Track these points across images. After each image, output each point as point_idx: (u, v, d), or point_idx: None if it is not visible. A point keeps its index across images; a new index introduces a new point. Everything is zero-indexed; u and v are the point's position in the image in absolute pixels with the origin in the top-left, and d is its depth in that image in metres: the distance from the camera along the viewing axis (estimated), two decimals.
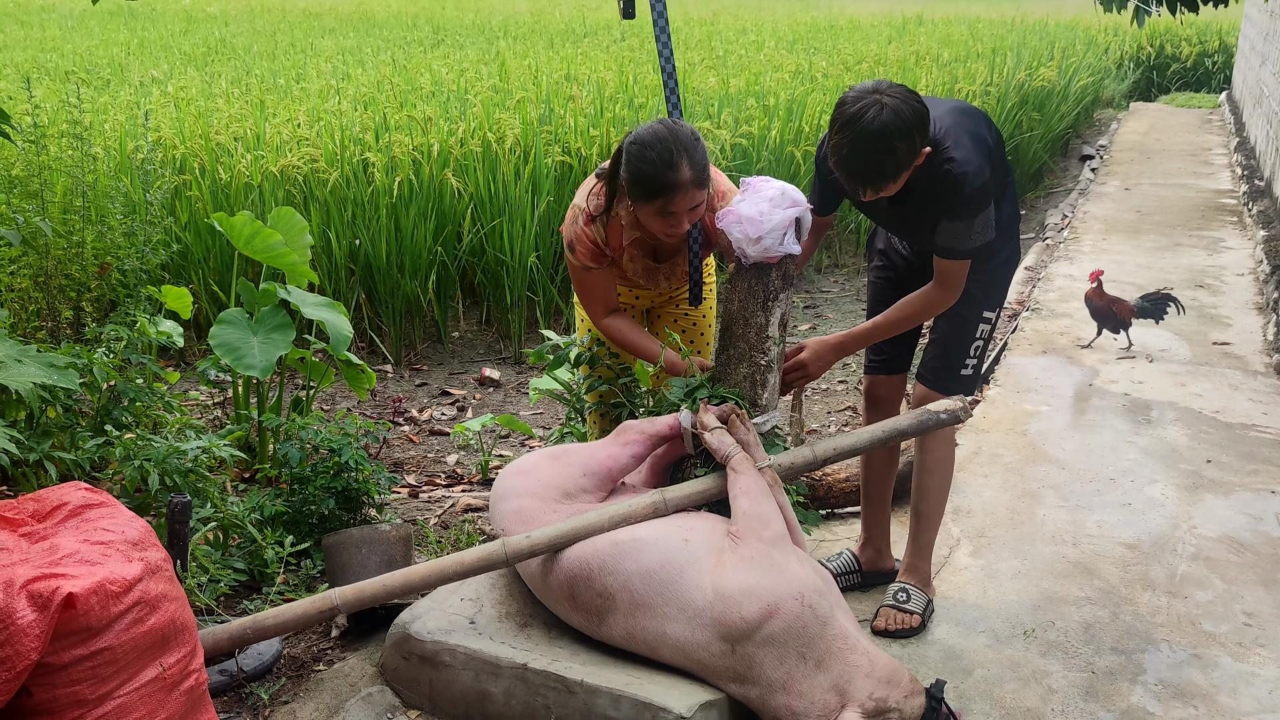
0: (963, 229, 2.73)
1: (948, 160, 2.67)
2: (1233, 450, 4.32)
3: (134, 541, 2.14)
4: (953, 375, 3.07)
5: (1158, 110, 14.59)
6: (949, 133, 2.70)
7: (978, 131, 2.75)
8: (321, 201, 5.93)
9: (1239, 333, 5.76)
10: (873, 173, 2.57)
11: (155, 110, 7.21)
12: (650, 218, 2.89)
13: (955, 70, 10.28)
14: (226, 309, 4.15)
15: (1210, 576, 3.41)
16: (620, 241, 3.09)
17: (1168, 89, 16.64)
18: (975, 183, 2.67)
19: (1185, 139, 12.20)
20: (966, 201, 2.68)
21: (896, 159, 2.55)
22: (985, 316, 3.03)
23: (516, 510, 2.73)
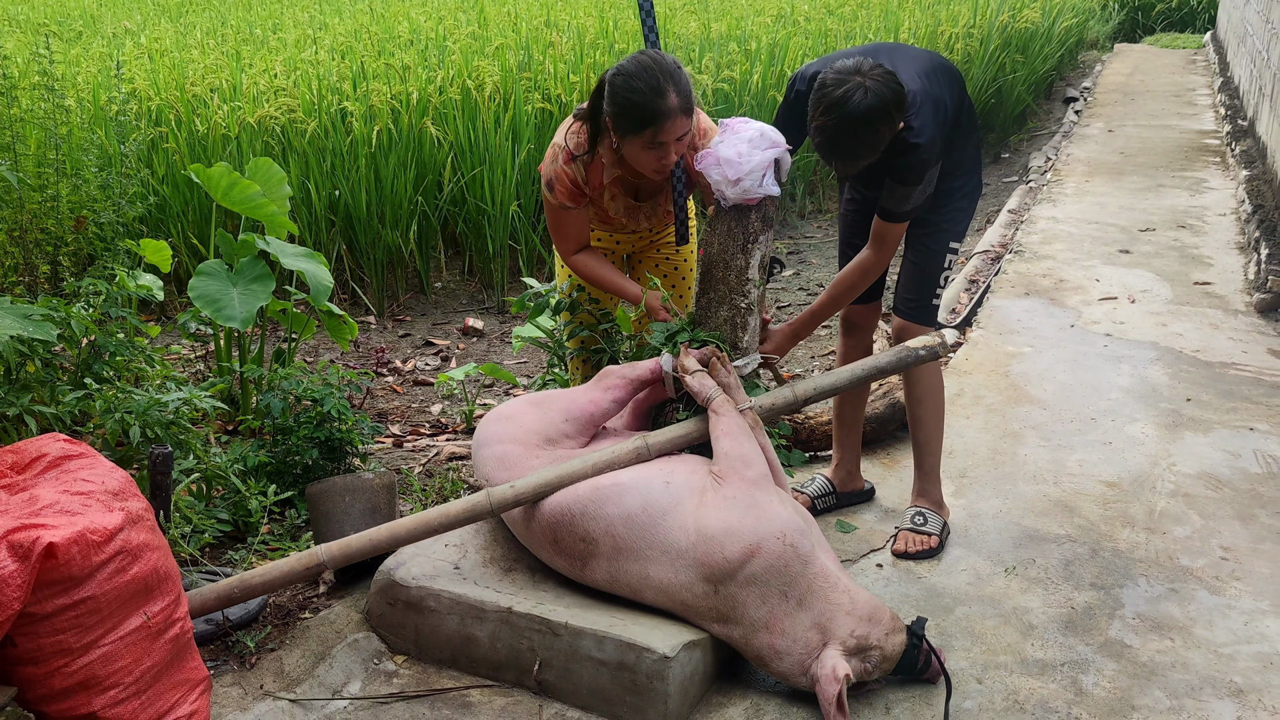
0: (903, 193, 2.86)
1: (907, 128, 2.78)
2: (1212, 388, 4.35)
3: (114, 491, 2.14)
4: (927, 306, 3.18)
5: (1142, 51, 14.50)
6: (913, 99, 2.79)
7: (940, 98, 2.85)
8: (300, 152, 5.88)
9: (1220, 272, 5.78)
10: (855, 154, 2.71)
11: (129, 62, 7.11)
12: (638, 151, 2.88)
13: (938, 12, 10.19)
14: (206, 261, 4.12)
15: (1188, 512, 3.44)
16: (600, 181, 3.08)
17: (1152, 29, 16.53)
18: (926, 154, 2.79)
19: (1169, 80, 12.14)
20: (914, 168, 2.81)
21: (877, 139, 2.68)
22: (951, 247, 3.13)
23: (499, 456, 2.74)
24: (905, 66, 2.85)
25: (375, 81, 6.48)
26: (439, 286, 6.32)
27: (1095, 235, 6.48)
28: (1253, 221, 6.18)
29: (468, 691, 2.59)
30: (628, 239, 3.39)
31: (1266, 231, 5.85)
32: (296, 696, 2.54)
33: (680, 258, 3.45)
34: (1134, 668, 2.70)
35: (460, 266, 6.51)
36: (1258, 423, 4.04)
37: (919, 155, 2.79)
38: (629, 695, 2.44)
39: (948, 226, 3.10)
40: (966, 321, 5.20)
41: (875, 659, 2.48)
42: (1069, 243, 6.35)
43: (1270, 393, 4.30)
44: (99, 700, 2.03)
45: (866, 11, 10.38)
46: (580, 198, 3.10)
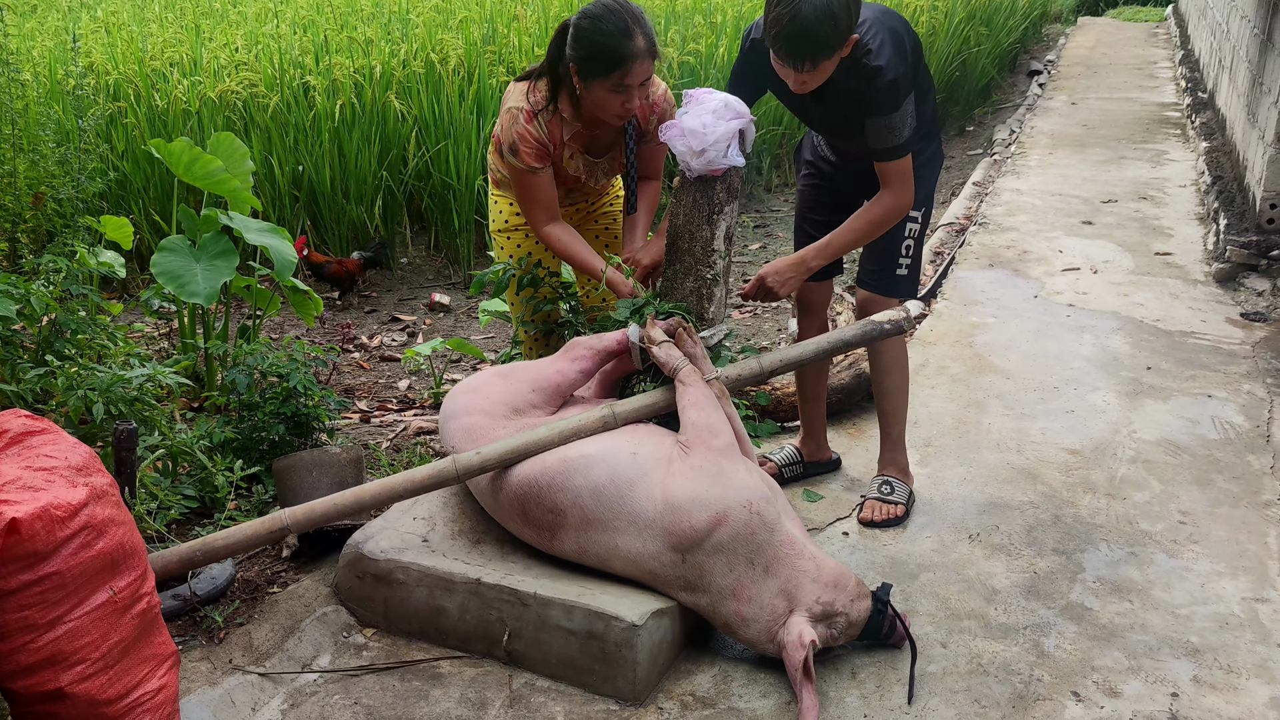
0: (886, 125, 2.76)
1: (865, 53, 2.71)
2: (1172, 357, 4.41)
3: (78, 467, 2.12)
4: (890, 277, 3.14)
5: (1105, 24, 14.60)
6: (870, 26, 2.73)
7: (896, 29, 2.79)
8: (262, 127, 5.82)
9: (1180, 243, 5.85)
10: (813, 43, 2.56)
11: (85, 36, 6.99)
12: (604, 95, 2.90)
13: None
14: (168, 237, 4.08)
15: (1148, 478, 3.50)
16: (560, 137, 3.09)
17: (1115, 2, 16.63)
18: (891, 74, 2.70)
19: (1132, 53, 12.23)
20: (884, 93, 2.71)
21: (836, 28, 2.55)
22: (912, 216, 3.08)
23: (466, 428, 2.74)
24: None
25: (338, 55, 6.41)
26: (405, 262, 6.29)
27: (1058, 207, 6.54)
28: (1212, 193, 6.26)
29: (437, 663, 2.60)
30: (567, 212, 3.41)
31: (1225, 202, 5.92)
32: (266, 670, 2.54)
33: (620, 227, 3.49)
34: (1094, 630, 2.75)
35: (426, 242, 6.48)
36: (1215, 390, 4.10)
37: (884, 78, 2.70)
38: (598, 664, 2.46)
39: None
40: (931, 293, 5.24)
41: (841, 625, 2.51)
42: (1033, 214, 6.40)
43: (1228, 360, 4.37)
44: (65, 676, 2.02)
45: None
46: (546, 157, 3.10)
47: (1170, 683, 2.56)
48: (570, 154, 3.16)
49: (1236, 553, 3.08)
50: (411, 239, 6.45)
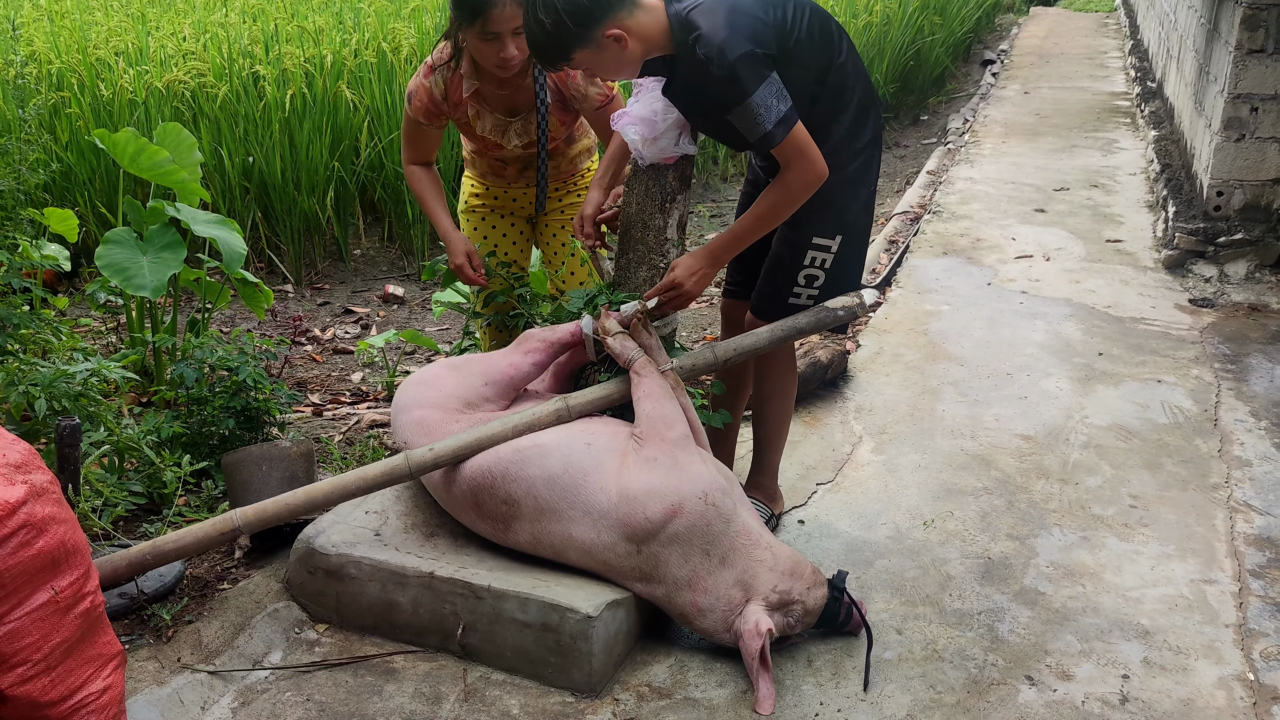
0: (745, 112, 2.45)
1: (695, 38, 2.44)
2: (1123, 343, 4.46)
3: (16, 465, 2.07)
4: (779, 304, 2.85)
5: (1056, 14, 14.74)
6: (703, 10, 2.46)
7: (744, 7, 2.48)
8: (211, 118, 5.73)
9: (1130, 230, 5.91)
10: (535, 45, 2.50)
11: (28, 24, 6.84)
12: (478, 44, 2.91)
13: None
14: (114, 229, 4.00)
15: (1100, 463, 3.53)
16: (460, 95, 3.12)
17: None
18: (727, 58, 2.39)
19: (1083, 42, 12.35)
20: (726, 84, 2.43)
21: (545, 33, 2.43)
22: (816, 243, 2.77)
23: (418, 421, 2.71)
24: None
25: (288, 45, 6.32)
26: (358, 254, 6.23)
27: (1011, 195, 6.59)
28: (1161, 180, 6.33)
29: (391, 658, 2.57)
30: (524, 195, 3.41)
31: (1174, 190, 5.99)
32: (215, 668, 2.50)
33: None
34: (1047, 614, 2.77)
35: (379, 233, 6.41)
36: (1165, 375, 4.15)
37: (716, 65, 2.41)
38: (553, 656, 2.45)
39: (810, 218, 2.71)
40: (886, 281, 5.26)
41: (797, 613, 2.51)
42: (986, 203, 6.45)
43: (1177, 346, 4.42)
44: (5, 678, 1.98)
45: None
46: (436, 115, 3.17)
47: (1121, 665, 2.59)
48: (476, 113, 3.16)
49: (1185, 535, 3.12)
50: (365, 230, 6.38)
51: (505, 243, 3.46)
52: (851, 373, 4.17)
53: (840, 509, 3.28)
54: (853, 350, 4.37)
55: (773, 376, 3.04)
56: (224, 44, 6.20)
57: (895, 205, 6.79)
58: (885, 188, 7.59)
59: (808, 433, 3.74)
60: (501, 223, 3.47)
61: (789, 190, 2.57)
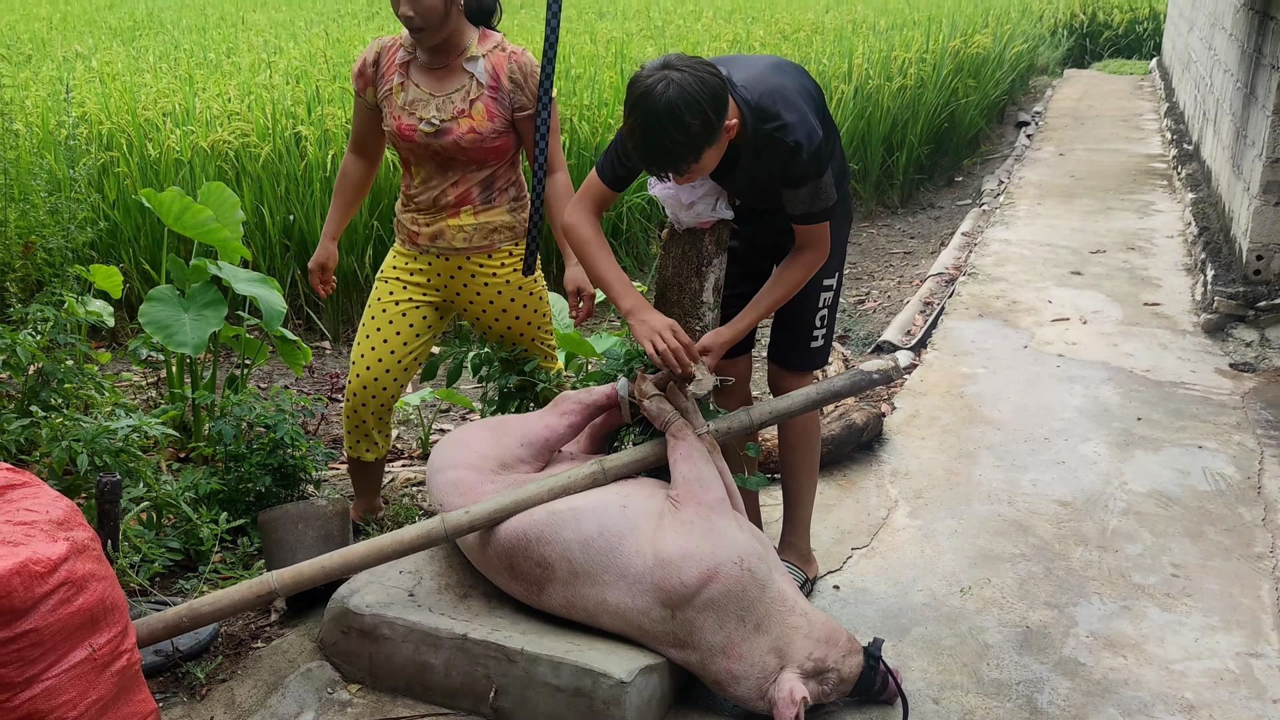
0: (808, 194, 2.59)
1: (779, 127, 2.52)
2: (1162, 407, 4.41)
3: (59, 521, 2.10)
4: (801, 349, 2.97)
5: (1091, 76, 14.77)
6: (775, 95, 2.54)
7: (803, 87, 2.61)
8: (254, 177, 5.84)
9: (1168, 293, 5.87)
10: (668, 154, 2.40)
11: (80, 86, 7.03)
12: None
13: (892, 38, 10.33)
14: (157, 286, 4.07)
15: (1140, 530, 3.48)
16: (393, 61, 3.11)
17: (1100, 55, 16.84)
18: (812, 146, 2.52)
19: (1118, 104, 12.37)
20: (807, 166, 2.54)
21: (690, 136, 2.38)
22: (825, 284, 2.92)
23: (454, 482, 2.72)
24: (751, 66, 2.62)
25: (330, 105, 6.45)
26: None
27: (1047, 257, 6.57)
28: (1199, 244, 6.30)
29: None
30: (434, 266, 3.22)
31: (1212, 253, 5.96)
32: None
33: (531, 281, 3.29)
34: (1088, 685, 2.72)
35: None
36: (1206, 441, 4.10)
37: (806, 152, 2.52)
38: None
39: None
40: (921, 343, 5.25)
41: (832, 681, 2.48)
42: (1022, 264, 6.43)
43: (1218, 411, 4.37)
44: None
45: (821, 37, 10.50)
46: (363, 83, 3.16)
47: None
48: (400, 84, 3.08)
49: (1230, 606, 3.06)
50: None
51: (398, 313, 3.22)
52: (887, 435, 4.14)
53: (876, 574, 3.25)
54: (888, 413, 4.35)
55: (795, 426, 3.03)
56: (268, 105, 6.34)
57: (930, 266, 6.79)
58: (919, 249, 7.60)
59: (843, 496, 3.72)
60: (405, 293, 3.23)
61: (808, 270, 2.73)
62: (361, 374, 3.24)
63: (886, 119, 8.81)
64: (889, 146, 8.96)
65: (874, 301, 6.30)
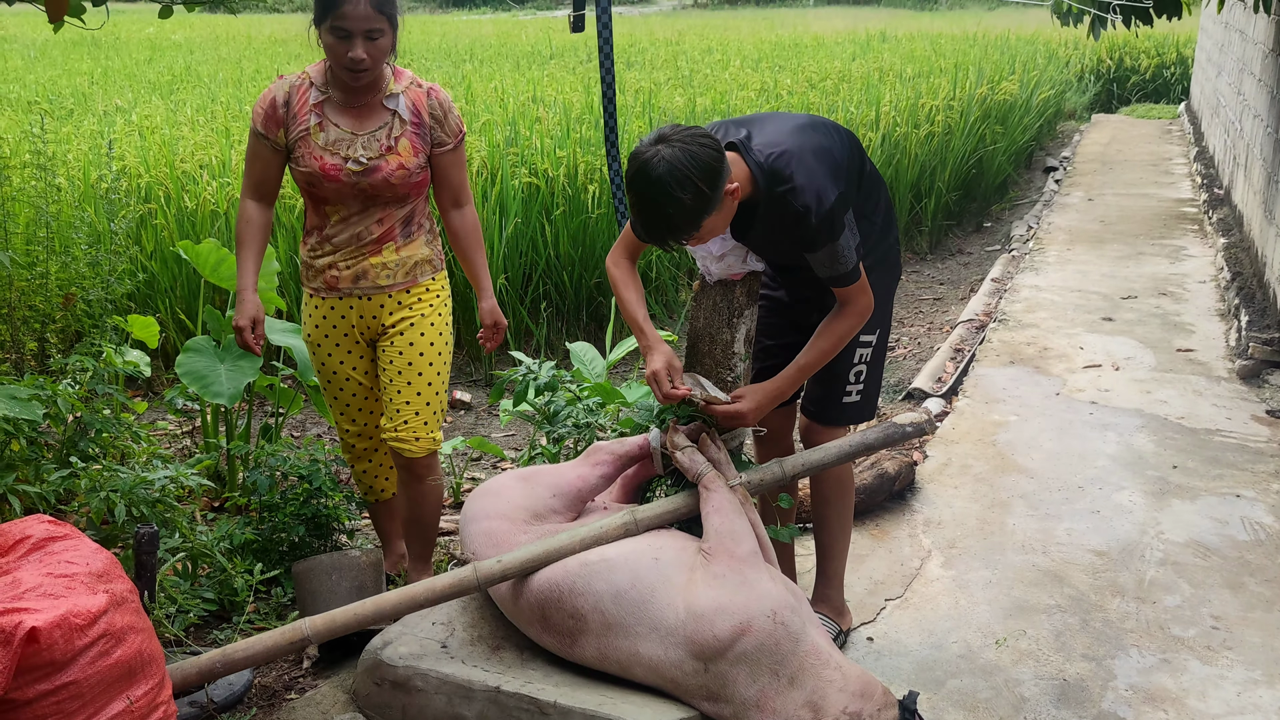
0: (826, 257, 2.60)
1: (789, 190, 2.54)
2: (1198, 455, 4.37)
3: (98, 574, 2.12)
4: (834, 405, 2.97)
5: (1119, 121, 14.78)
6: (788, 157, 2.56)
7: (823, 146, 2.62)
8: (288, 227, 5.91)
9: (1202, 339, 5.83)
10: (663, 224, 2.44)
11: (120, 139, 7.17)
12: (330, 42, 2.90)
13: (919, 85, 10.37)
14: (194, 337, 4.12)
15: (1178, 581, 3.44)
16: (306, 101, 3.02)
17: (1128, 100, 16.86)
18: (822, 209, 2.53)
19: (1146, 149, 12.36)
20: (818, 230, 2.55)
21: (683, 208, 2.40)
22: (863, 340, 2.90)
23: (486, 532, 2.73)
24: (775, 126, 2.64)
25: None
26: None
27: (1078, 303, 6.55)
28: (1232, 289, 6.26)
29: None
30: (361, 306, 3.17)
31: (1246, 298, 5.92)
32: None
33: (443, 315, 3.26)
34: None
35: None
36: (1244, 489, 4.05)
37: (815, 216, 2.52)
38: None
39: None
40: (953, 390, 5.23)
41: None
42: (1052, 310, 6.41)
43: (1255, 459, 4.32)
44: None
45: (848, 85, 10.57)
46: (274, 125, 3.03)
47: None
48: (319, 124, 3.02)
49: (1273, 659, 3.02)
50: None
51: (344, 369, 3.25)
52: (919, 484, 4.12)
53: (910, 626, 3.23)
54: (920, 461, 4.33)
55: (828, 477, 3.02)
56: None
57: (960, 313, 6.77)
58: (949, 295, 7.59)
59: (875, 546, 3.70)
60: (339, 349, 3.23)
61: (852, 325, 2.72)
62: (348, 439, 3.37)
63: (914, 166, 8.83)
64: (917, 193, 8.98)
65: (904, 348, 6.28)
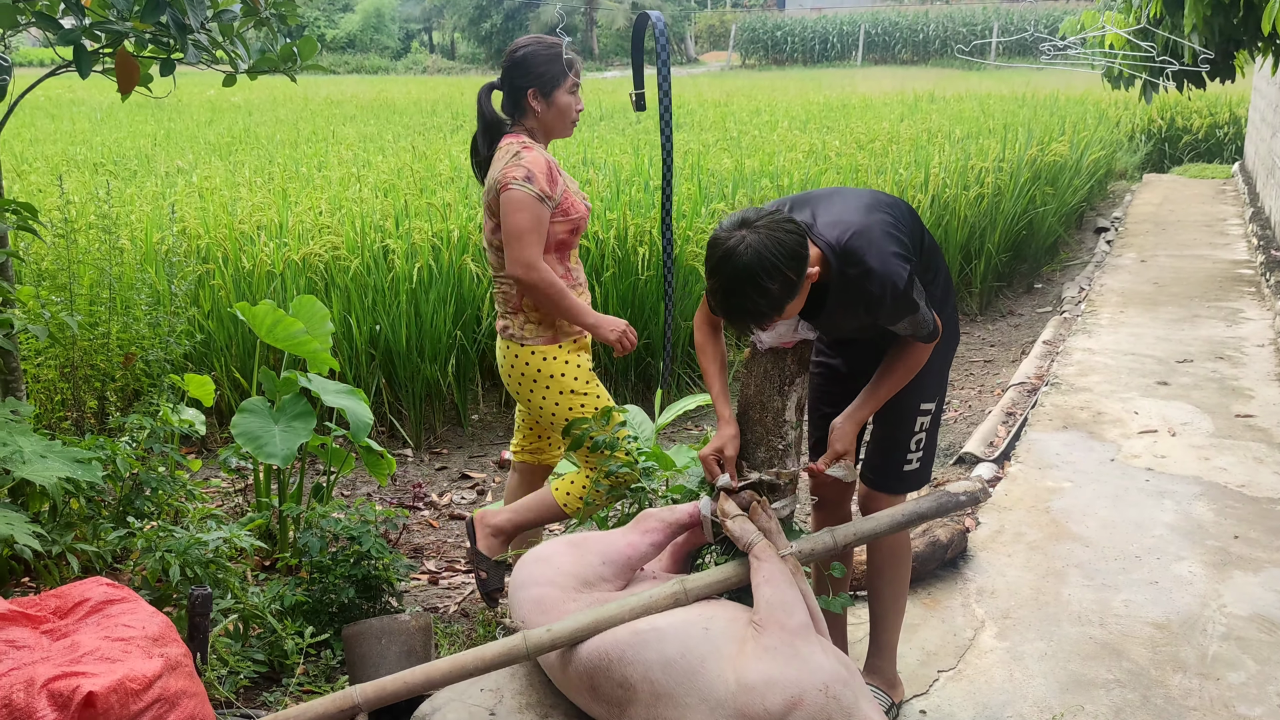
0: (907, 325, 2.65)
1: (863, 274, 2.55)
2: (1260, 525, 4.27)
3: (154, 637, 2.14)
4: (894, 473, 2.97)
5: (1171, 181, 14.67)
6: (860, 238, 2.57)
7: (890, 224, 2.63)
8: (342, 288, 6.01)
9: (1261, 405, 5.72)
10: (749, 313, 2.46)
11: (180, 200, 7.35)
12: (566, 99, 3.34)
13: (968, 146, 10.38)
14: (248, 396, 4.19)
15: (1242, 657, 3.35)
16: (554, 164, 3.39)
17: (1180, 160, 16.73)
18: (898, 291, 2.55)
19: (1199, 209, 12.24)
20: (895, 308, 2.59)
21: (770, 297, 2.43)
22: (923, 409, 2.91)
23: (535, 599, 2.72)
24: (841, 205, 2.66)
25: (417, 219, 6.65)
26: (476, 419, 6.37)
27: (1132, 366, 6.46)
28: None
29: None
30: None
31: None
32: None
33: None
34: None
35: (497, 399, 6.56)
36: None
37: (895, 294, 2.55)
38: None
39: (915, 386, 2.83)
40: (1005, 455, 5.16)
41: None
42: (1106, 374, 6.33)
43: None
44: None
45: (897, 147, 10.59)
46: (552, 184, 3.32)
47: None
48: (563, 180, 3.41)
49: None
50: (483, 395, 6.54)
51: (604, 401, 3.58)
52: (972, 552, 4.06)
53: (963, 699, 3.16)
54: (972, 528, 4.27)
55: (883, 546, 3.01)
56: (357, 219, 6.55)
57: (1011, 375, 6.71)
58: (1000, 357, 7.53)
59: (928, 615, 3.64)
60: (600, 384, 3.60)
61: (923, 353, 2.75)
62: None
63: (964, 227, 8.81)
64: (966, 254, 8.95)
65: (955, 411, 6.23)
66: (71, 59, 3.01)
